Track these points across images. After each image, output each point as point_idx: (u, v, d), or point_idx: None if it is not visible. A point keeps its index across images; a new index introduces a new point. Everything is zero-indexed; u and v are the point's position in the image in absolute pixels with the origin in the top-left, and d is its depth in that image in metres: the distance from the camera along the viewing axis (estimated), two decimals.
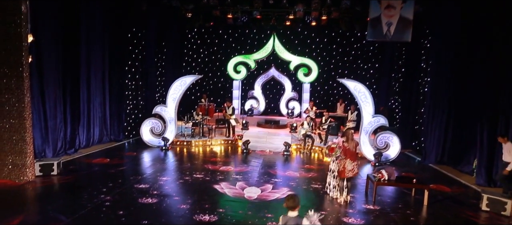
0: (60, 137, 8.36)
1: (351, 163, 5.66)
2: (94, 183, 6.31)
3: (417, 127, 11.09)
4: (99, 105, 10.11)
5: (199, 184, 6.62)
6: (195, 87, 15.42)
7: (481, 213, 5.60)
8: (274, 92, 15.44)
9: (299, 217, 2.95)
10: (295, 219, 2.94)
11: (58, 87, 8.08)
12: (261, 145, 10.62)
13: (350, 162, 5.65)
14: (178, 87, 10.39)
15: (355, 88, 9.61)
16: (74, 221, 4.61)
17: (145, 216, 4.88)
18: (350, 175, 5.67)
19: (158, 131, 10.49)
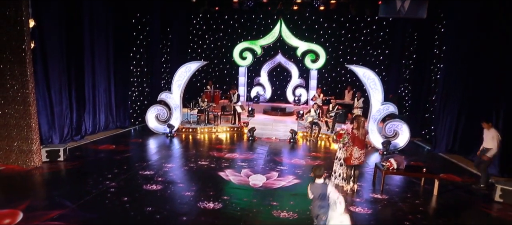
0: (66, 124, 8.40)
1: (358, 151, 5.50)
2: (99, 170, 6.32)
3: (428, 116, 10.78)
4: (104, 92, 10.09)
5: (204, 171, 6.58)
6: (200, 74, 15.28)
7: (494, 204, 5.42)
8: (280, 78, 15.19)
9: (324, 184, 3.59)
10: (321, 185, 3.58)
11: (62, 73, 8.04)
12: (267, 132, 10.52)
13: (358, 150, 5.49)
14: (183, 74, 10.26)
15: (364, 75, 9.32)
16: (79, 207, 4.63)
17: (150, 203, 4.86)
18: (356, 162, 5.53)
19: (164, 118, 10.45)
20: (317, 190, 3.56)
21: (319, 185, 3.58)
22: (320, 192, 3.54)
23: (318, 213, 3.54)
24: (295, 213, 4.73)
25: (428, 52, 10.58)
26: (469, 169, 7.44)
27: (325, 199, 3.51)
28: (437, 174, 5.85)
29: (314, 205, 3.63)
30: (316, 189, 3.59)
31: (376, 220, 4.62)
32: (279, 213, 4.73)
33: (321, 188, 3.54)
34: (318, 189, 3.56)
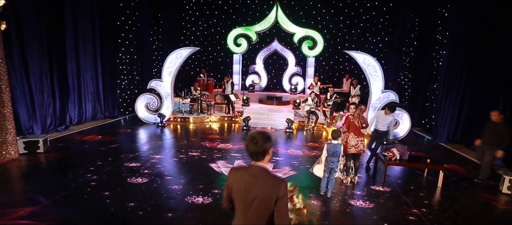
0: (49, 113, 7.89)
1: (355, 138, 5.15)
2: (81, 162, 5.89)
3: (428, 104, 10.45)
4: (91, 80, 9.55)
5: (194, 163, 6.18)
6: (194, 62, 14.73)
7: (501, 196, 5.12)
8: (276, 67, 14.71)
9: (339, 144, 4.70)
10: (336, 145, 4.66)
11: (42, 59, 7.48)
12: (262, 122, 10.12)
13: (354, 137, 5.14)
14: (173, 60, 9.75)
15: (364, 61, 8.90)
16: (53, 203, 4.21)
17: (133, 198, 4.46)
18: (353, 151, 5.16)
19: (154, 107, 9.99)
20: (332, 148, 4.63)
21: (334, 145, 4.63)
22: (334, 150, 4.62)
23: (331, 167, 4.67)
24: None
25: (430, 39, 10.16)
26: (472, 160, 7.14)
27: (336, 156, 4.66)
28: (442, 165, 5.52)
29: (328, 160, 4.70)
30: (331, 147, 4.65)
31: (378, 214, 4.27)
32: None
33: (335, 147, 4.62)
34: (333, 147, 4.62)
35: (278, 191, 1.86)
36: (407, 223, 4.07)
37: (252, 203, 1.88)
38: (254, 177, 1.91)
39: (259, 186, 1.88)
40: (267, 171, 1.95)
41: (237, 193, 1.95)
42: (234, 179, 1.99)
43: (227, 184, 2.01)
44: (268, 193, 1.87)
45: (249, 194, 1.89)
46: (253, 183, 1.89)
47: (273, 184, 1.89)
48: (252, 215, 1.90)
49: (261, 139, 1.91)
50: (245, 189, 1.90)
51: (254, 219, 1.90)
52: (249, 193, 1.89)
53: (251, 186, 1.89)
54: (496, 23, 7.19)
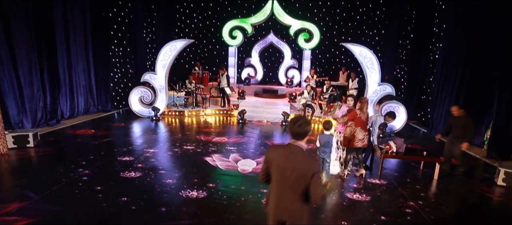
0: (39, 107, 7.70)
1: (362, 132, 5.06)
2: (73, 156, 5.76)
3: (424, 97, 10.44)
4: (83, 73, 9.33)
5: (189, 157, 6.08)
6: (188, 55, 14.52)
7: (496, 188, 5.13)
8: (272, 59, 14.58)
9: (330, 135, 4.83)
10: (328, 136, 4.78)
11: (31, 51, 7.25)
12: (258, 115, 10.03)
13: (361, 131, 5.05)
14: (167, 53, 9.55)
15: (360, 54, 8.81)
16: (43, 198, 4.09)
17: (125, 192, 4.36)
18: (359, 145, 5.08)
19: (148, 100, 9.82)
20: (324, 138, 4.73)
21: (326, 135, 4.75)
22: (325, 141, 4.73)
23: (323, 157, 4.73)
24: None
25: (427, 31, 10.09)
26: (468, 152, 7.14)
27: (328, 146, 4.77)
28: (438, 158, 5.51)
29: (320, 151, 4.80)
30: (323, 138, 4.75)
31: (375, 207, 4.24)
32: None
33: (327, 138, 4.75)
34: (325, 138, 4.72)
35: (314, 167, 2.14)
36: (404, 216, 4.04)
37: (291, 176, 2.14)
38: (294, 154, 2.18)
39: (298, 162, 2.15)
40: (303, 150, 2.23)
41: (277, 167, 2.20)
42: (274, 155, 2.25)
43: (266, 159, 2.28)
44: (306, 168, 2.13)
45: (288, 168, 2.15)
46: (293, 159, 2.16)
47: (311, 161, 2.18)
48: (290, 186, 2.17)
49: (304, 122, 2.22)
50: (285, 164, 2.16)
51: (291, 190, 2.17)
52: (288, 167, 2.15)
53: (291, 162, 2.15)
54: (494, 16, 7.14)
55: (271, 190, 2.30)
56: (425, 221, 3.96)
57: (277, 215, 2.27)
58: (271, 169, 2.24)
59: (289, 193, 2.19)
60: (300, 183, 2.14)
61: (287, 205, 2.21)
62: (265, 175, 2.32)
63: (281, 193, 2.22)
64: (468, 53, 7.96)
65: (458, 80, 8.28)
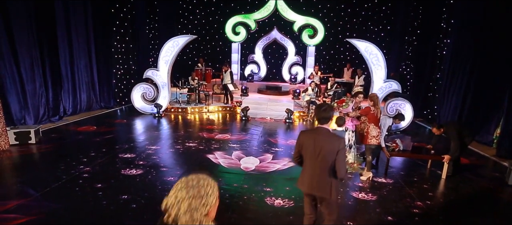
0: (41, 103, 7.67)
1: (376, 129, 4.91)
2: (74, 153, 5.70)
3: (431, 95, 10.24)
4: (85, 69, 9.29)
5: (191, 154, 6.00)
6: (192, 51, 14.43)
7: (507, 188, 4.97)
8: (276, 56, 14.43)
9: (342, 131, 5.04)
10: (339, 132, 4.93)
11: (33, 47, 7.20)
12: (261, 112, 9.92)
13: (375, 128, 4.91)
14: (170, 49, 9.46)
15: (366, 50, 8.64)
16: (43, 195, 4.03)
17: (126, 190, 4.29)
18: (373, 142, 4.91)
19: (151, 97, 9.76)
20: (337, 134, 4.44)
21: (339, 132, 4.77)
22: None
23: None
24: (291, 200, 4.21)
25: (434, 27, 9.86)
26: (476, 150, 6.99)
27: None
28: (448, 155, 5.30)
29: None
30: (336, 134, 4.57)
31: (382, 207, 4.12)
32: (273, 200, 4.21)
33: (340, 134, 4.68)
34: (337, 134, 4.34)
35: (339, 145, 2.50)
36: (412, 216, 3.92)
37: (319, 155, 2.54)
38: (321, 136, 2.57)
39: (325, 142, 2.53)
40: (329, 131, 2.63)
41: (307, 148, 2.60)
42: (304, 138, 2.65)
43: (298, 143, 2.69)
44: (332, 147, 2.51)
45: (317, 148, 2.54)
46: (320, 140, 2.55)
47: (335, 141, 2.54)
48: (319, 164, 2.57)
49: (328, 108, 2.64)
50: (314, 145, 2.55)
51: (320, 167, 2.57)
52: (317, 147, 2.54)
53: (319, 142, 2.55)
54: (504, 10, 6.91)
55: (304, 169, 2.69)
56: (433, 221, 3.83)
57: (310, 190, 2.67)
58: (303, 151, 2.65)
59: (319, 170, 2.57)
60: (328, 160, 2.53)
61: (319, 180, 2.59)
62: (298, 157, 2.73)
63: (313, 171, 2.61)
64: (477, 50, 7.75)
65: (466, 77, 8.08)
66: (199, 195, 1.14)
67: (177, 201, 1.12)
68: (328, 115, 2.60)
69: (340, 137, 2.61)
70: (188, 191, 1.14)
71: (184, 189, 1.15)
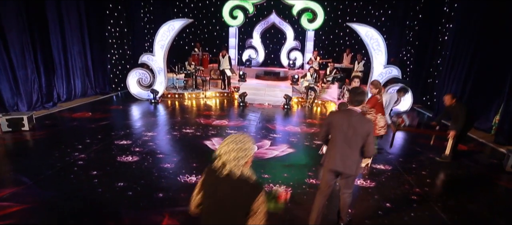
0: (34, 90, 7.49)
1: (383, 119, 4.79)
2: (69, 140, 5.61)
3: (430, 81, 10.14)
4: (79, 54, 9.04)
5: (188, 140, 5.93)
6: (188, 36, 14.11)
7: (504, 175, 4.96)
8: (274, 41, 14.17)
9: None
10: None
11: (22, 32, 6.94)
12: (259, 98, 9.80)
13: (382, 118, 4.80)
14: (165, 33, 9.21)
15: (366, 34, 8.45)
16: (37, 183, 3.96)
17: (122, 177, 4.23)
18: (382, 132, 4.80)
19: (146, 82, 9.59)
20: None
21: None
22: None
23: None
24: (289, 187, 4.17)
25: (437, 11, 9.64)
26: (475, 137, 6.97)
27: None
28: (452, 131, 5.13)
29: None
30: None
31: (380, 194, 4.10)
32: (271, 187, 4.17)
33: None
34: None
35: (370, 128, 2.69)
36: (410, 203, 3.91)
37: (352, 135, 2.71)
38: (354, 117, 2.72)
39: (358, 124, 2.69)
40: (361, 114, 2.80)
41: (339, 128, 2.75)
42: (334, 118, 2.82)
43: (327, 122, 2.85)
44: (364, 129, 2.69)
45: (350, 129, 2.70)
46: (353, 121, 2.71)
47: (367, 123, 2.73)
48: (350, 143, 2.73)
49: (361, 92, 2.80)
50: (348, 125, 2.71)
51: (351, 147, 2.73)
52: (350, 128, 2.70)
53: (352, 123, 2.70)
54: None
55: (333, 148, 2.82)
56: (431, 208, 3.82)
57: (339, 168, 2.82)
58: (332, 131, 2.81)
59: (348, 149, 2.74)
60: (358, 141, 2.70)
61: (348, 159, 2.76)
62: (325, 136, 2.92)
63: (344, 150, 2.75)
64: (480, 35, 7.58)
65: (468, 63, 7.96)
66: (243, 148, 1.56)
67: (228, 151, 1.54)
68: (362, 99, 2.80)
69: (370, 120, 2.84)
70: (236, 144, 1.55)
71: (232, 143, 1.56)
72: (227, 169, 1.54)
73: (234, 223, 1.54)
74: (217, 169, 1.57)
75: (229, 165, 1.54)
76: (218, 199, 1.56)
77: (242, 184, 1.54)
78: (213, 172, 1.59)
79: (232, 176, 1.54)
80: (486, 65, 7.42)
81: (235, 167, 1.54)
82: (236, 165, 1.54)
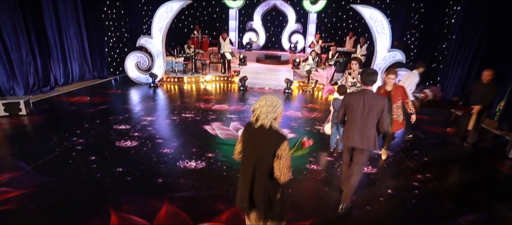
0: (30, 73, 7.35)
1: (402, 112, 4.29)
2: (67, 124, 5.54)
3: (435, 65, 9.93)
4: (75, 36, 8.83)
5: (187, 125, 5.86)
6: (187, 18, 13.75)
7: (507, 162, 4.91)
8: (275, 24, 13.82)
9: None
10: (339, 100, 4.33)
11: (15, 12, 6.72)
12: (260, 82, 9.65)
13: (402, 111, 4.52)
14: (163, 15, 8.94)
15: (371, 17, 8.19)
16: (35, 168, 3.92)
17: (121, 162, 4.18)
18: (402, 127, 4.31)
19: (145, 66, 9.42)
20: (338, 103, 4.21)
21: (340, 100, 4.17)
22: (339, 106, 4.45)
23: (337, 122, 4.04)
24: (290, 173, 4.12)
25: None
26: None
27: None
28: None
29: (333, 116, 4.67)
30: (337, 103, 4.47)
31: (382, 180, 4.06)
32: None
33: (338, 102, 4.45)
34: (339, 103, 4.06)
35: (383, 105, 2.93)
36: (411, 189, 3.87)
37: (367, 113, 2.95)
38: (368, 96, 2.96)
39: (373, 102, 2.93)
40: (374, 92, 3.04)
41: (355, 107, 2.98)
42: (350, 99, 3.04)
43: (343, 104, 3.12)
44: (378, 106, 2.92)
45: (365, 107, 2.95)
46: (368, 100, 2.95)
47: (381, 101, 2.95)
48: (366, 121, 2.98)
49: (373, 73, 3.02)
50: (362, 104, 2.96)
51: (367, 123, 2.97)
52: (365, 106, 2.95)
53: (368, 102, 2.95)
54: None
55: (350, 127, 3.05)
56: (433, 195, 3.79)
57: (357, 144, 3.03)
58: (349, 111, 3.05)
59: (365, 127, 2.97)
60: (373, 118, 2.94)
61: (365, 135, 2.96)
62: (343, 117, 3.15)
63: (361, 127, 2.98)
64: (488, 17, 7.32)
65: (475, 47, 7.74)
66: (272, 105, 1.94)
67: (260, 107, 1.93)
68: (374, 79, 3.00)
69: (384, 98, 3.01)
70: (266, 102, 1.93)
71: (264, 101, 1.94)
72: (260, 122, 1.93)
73: (266, 165, 1.94)
74: (253, 122, 1.98)
75: (261, 119, 1.93)
76: (254, 146, 1.98)
77: (271, 134, 1.93)
78: (250, 125, 2.02)
79: (264, 127, 1.94)
80: (494, 49, 7.21)
81: (265, 120, 1.92)
82: (266, 118, 1.92)
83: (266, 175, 1.96)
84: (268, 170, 1.95)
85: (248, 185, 2.02)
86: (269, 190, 2.00)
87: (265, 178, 1.97)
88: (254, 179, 2.00)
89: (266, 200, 2.01)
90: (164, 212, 3.16)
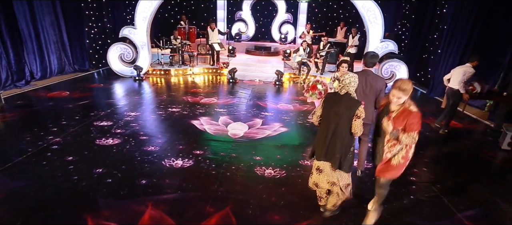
0: (2, 66, 6.82)
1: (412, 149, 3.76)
2: (43, 121, 5.15)
3: (425, 56, 9.87)
4: (51, 27, 8.26)
5: (174, 120, 5.56)
6: (173, 8, 13.21)
7: (500, 153, 4.86)
8: (265, 14, 13.46)
9: None
10: None
11: None
12: (249, 74, 9.37)
13: None
14: (148, 3, 8.46)
15: (363, 6, 7.99)
16: (4, 172, 3.57)
17: (101, 162, 3.87)
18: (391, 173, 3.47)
19: (129, 58, 8.97)
20: None
21: None
22: None
23: None
24: (283, 170, 3.93)
25: None
26: (469, 114, 6.86)
27: None
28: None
29: None
30: None
31: None
32: (263, 170, 3.92)
33: None
34: None
35: (382, 85, 3.35)
36: (408, 184, 3.75)
37: (369, 92, 3.35)
38: (370, 76, 3.35)
39: (373, 81, 3.33)
40: (374, 73, 3.44)
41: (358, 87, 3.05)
42: None
43: None
44: (378, 85, 3.34)
45: (367, 86, 3.33)
46: (369, 79, 3.34)
47: (381, 80, 3.38)
48: (368, 98, 3.35)
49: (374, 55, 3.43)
50: (365, 83, 3.32)
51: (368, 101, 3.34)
52: (367, 85, 3.33)
53: (369, 81, 3.33)
54: None
55: None
56: (431, 189, 3.67)
57: None
58: None
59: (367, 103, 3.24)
60: (375, 95, 3.35)
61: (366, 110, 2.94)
62: None
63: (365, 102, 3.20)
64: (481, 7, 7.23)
65: (466, 37, 7.67)
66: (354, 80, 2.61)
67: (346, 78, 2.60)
68: (376, 60, 3.42)
69: (383, 78, 3.42)
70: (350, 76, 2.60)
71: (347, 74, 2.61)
72: (345, 90, 2.60)
73: (346, 123, 2.60)
74: (337, 91, 2.65)
75: (345, 88, 2.60)
76: (337, 110, 2.61)
77: (351, 100, 2.60)
78: (332, 95, 2.72)
79: (347, 95, 2.60)
80: (485, 39, 7.15)
81: (349, 89, 2.60)
82: (350, 88, 2.60)
83: (345, 131, 2.60)
84: (347, 127, 2.59)
85: (328, 141, 2.66)
86: (346, 143, 2.65)
87: (344, 134, 2.61)
88: (334, 135, 2.63)
89: (342, 151, 2.65)
90: (148, 218, 2.91)
